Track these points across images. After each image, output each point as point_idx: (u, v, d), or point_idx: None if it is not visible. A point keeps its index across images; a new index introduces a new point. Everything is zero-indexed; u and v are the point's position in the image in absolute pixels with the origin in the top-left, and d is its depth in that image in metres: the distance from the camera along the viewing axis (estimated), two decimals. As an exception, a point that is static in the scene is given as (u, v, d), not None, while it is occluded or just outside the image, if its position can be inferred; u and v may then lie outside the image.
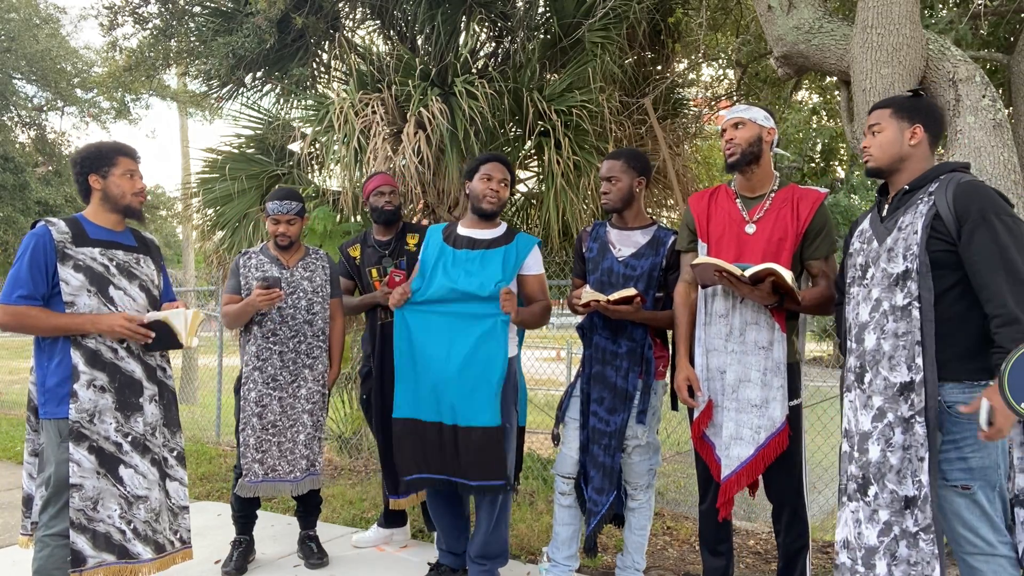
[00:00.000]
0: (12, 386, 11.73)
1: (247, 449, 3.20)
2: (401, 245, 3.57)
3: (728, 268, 2.45)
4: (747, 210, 2.71)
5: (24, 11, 11.87)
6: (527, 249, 3.00)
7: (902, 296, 2.05)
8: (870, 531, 2.08)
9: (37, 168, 12.66)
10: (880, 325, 2.10)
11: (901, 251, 2.08)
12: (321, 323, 3.35)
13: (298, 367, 3.28)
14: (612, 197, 3.00)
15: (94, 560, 2.45)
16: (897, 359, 2.05)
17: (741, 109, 2.70)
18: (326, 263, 3.44)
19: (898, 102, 2.26)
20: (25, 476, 2.59)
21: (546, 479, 4.83)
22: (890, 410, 2.05)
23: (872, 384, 2.11)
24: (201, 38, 5.84)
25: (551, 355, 10.49)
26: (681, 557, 3.67)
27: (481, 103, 4.65)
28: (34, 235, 2.47)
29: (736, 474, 2.61)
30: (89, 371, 2.47)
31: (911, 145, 2.20)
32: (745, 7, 6.19)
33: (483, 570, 2.94)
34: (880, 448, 2.06)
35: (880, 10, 3.13)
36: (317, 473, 3.32)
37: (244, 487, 3.20)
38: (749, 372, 2.61)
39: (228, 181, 5.43)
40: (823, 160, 7.71)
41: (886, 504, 2.04)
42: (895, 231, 2.13)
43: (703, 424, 2.72)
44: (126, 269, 2.60)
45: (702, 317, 2.74)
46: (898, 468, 2.02)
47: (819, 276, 2.65)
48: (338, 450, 5.95)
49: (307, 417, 3.28)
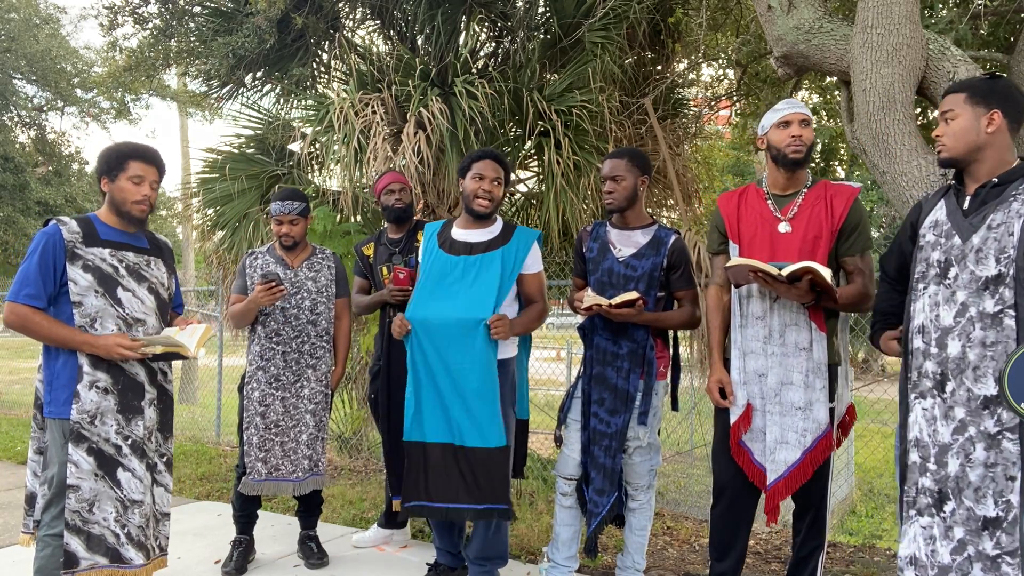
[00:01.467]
0: (12, 386, 11.73)
1: (250, 448, 3.20)
2: (412, 242, 3.55)
3: (765, 268, 2.40)
4: (779, 209, 2.65)
5: (24, 11, 11.87)
6: (527, 247, 2.93)
7: (993, 303, 1.91)
8: (944, 548, 1.96)
9: (37, 168, 12.67)
10: (966, 332, 1.96)
11: (993, 252, 1.93)
12: (325, 323, 3.35)
13: (301, 367, 3.27)
14: (617, 196, 2.96)
15: (87, 562, 2.44)
16: (983, 370, 1.92)
17: (803, 107, 2.61)
18: (332, 263, 3.43)
19: (974, 85, 2.08)
20: (29, 474, 2.58)
21: (546, 479, 4.83)
22: (972, 424, 1.93)
23: (955, 394, 1.98)
24: (201, 38, 5.84)
25: (551, 355, 10.49)
26: (681, 557, 3.67)
27: (481, 103, 4.65)
28: (45, 234, 2.48)
29: (784, 479, 2.54)
30: (93, 372, 2.47)
31: (988, 132, 2.03)
32: (745, 7, 6.18)
33: (483, 570, 2.93)
34: (959, 463, 1.94)
35: (880, 10, 3.13)
36: (321, 473, 3.32)
37: (247, 485, 3.20)
38: (791, 374, 2.55)
39: (228, 181, 5.43)
40: (823, 160, 7.70)
41: (962, 521, 1.93)
42: (983, 229, 1.96)
43: (743, 429, 2.64)
44: (136, 271, 2.60)
45: (737, 319, 2.68)
46: (977, 486, 1.90)
47: (855, 273, 2.58)
48: (338, 450, 5.95)
49: (310, 417, 3.27)
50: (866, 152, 3.24)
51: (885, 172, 3.15)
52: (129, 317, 2.56)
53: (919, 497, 2.05)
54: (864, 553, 3.77)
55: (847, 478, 6.03)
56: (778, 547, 3.82)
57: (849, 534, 4.90)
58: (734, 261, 2.49)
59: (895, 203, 3.18)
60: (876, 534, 4.92)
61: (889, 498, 6.44)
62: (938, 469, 2.00)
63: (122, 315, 2.54)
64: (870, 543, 4.21)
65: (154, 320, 2.64)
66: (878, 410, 7.42)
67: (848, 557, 3.70)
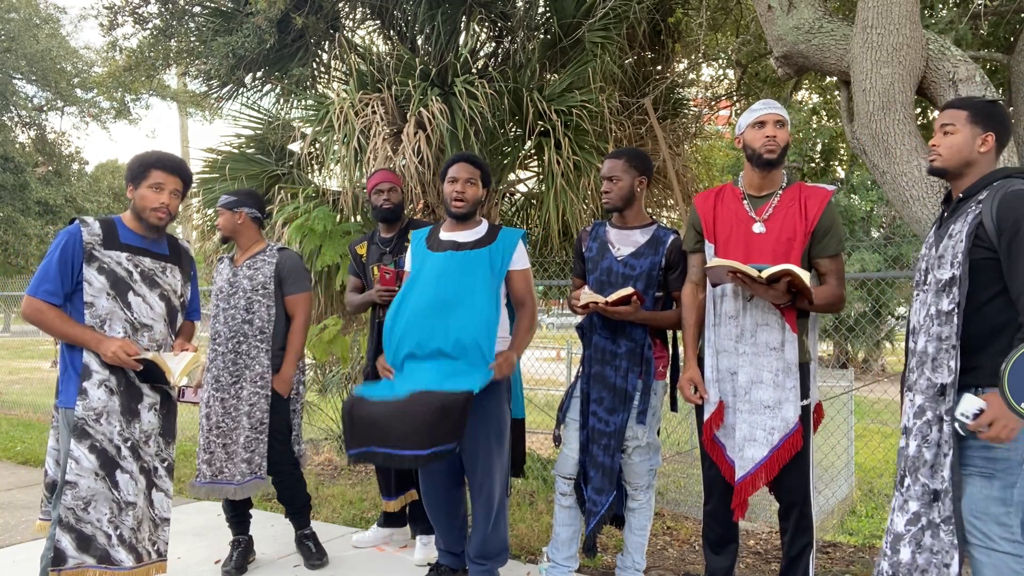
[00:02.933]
0: (12, 386, 11.73)
1: (199, 450, 3.23)
2: (403, 242, 3.56)
3: (744, 269, 2.43)
4: (754, 209, 2.69)
5: (24, 11, 11.88)
6: (512, 246, 2.95)
7: (947, 301, 2.11)
8: (899, 519, 2.18)
9: (37, 168, 12.67)
10: (927, 328, 2.17)
11: (949, 258, 2.13)
12: (260, 322, 3.27)
13: (239, 367, 3.25)
14: (613, 196, 2.99)
15: (74, 561, 2.43)
16: (940, 361, 2.12)
17: (779, 107, 2.65)
18: (276, 259, 3.34)
19: (976, 106, 2.23)
20: (51, 462, 2.59)
21: (546, 479, 4.83)
22: (929, 408, 2.14)
23: (917, 384, 2.19)
24: (201, 38, 5.84)
25: (551, 355, 10.49)
26: (681, 557, 3.67)
27: (481, 103, 4.65)
28: (67, 232, 2.54)
29: (751, 476, 2.61)
30: (101, 371, 2.50)
31: (980, 152, 2.20)
32: (745, 7, 6.19)
33: (483, 570, 2.93)
34: (917, 443, 2.16)
35: (880, 10, 3.13)
36: (262, 477, 3.22)
37: (193, 488, 3.21)
38: (761, 373, 2.60)
39: (228, 181, 5.44)
40: (823, 160, 7.71)
41: (916, 496, 2.14)
42: (946, 238, 2.17)
43: (715, 426, 2.71)
44: (150, 276, 2.64)
45: (711, 318, 2.72)
46: (931, 463, 2.11)
47: (828, 274, 2.63)
48: (338, 450, 5.95)
49: (246, 419, 3.21)
50: (866, 152, 3.25)
51: (885, 172, 3.15)
52: (137, 322, 2.58)
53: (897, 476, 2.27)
54: (864, 553, 3.77)
55: (847, 478, 6.03)
56: (778, 547, 3.82)
57: (849, 534, 4.89)
58: (714, 262, 2.52)
59: (895, 203, 3.18)
60: (876, 534, 4.92)
61: (889, 498, 6.45)
62: (904, 448, 2.22)
63: (130, 319, 2.57)
64: (870, 543, 4.21)
65: (162, 326, 2.66)
66: (878, 410, 7.43)
67: (848, 557, 3.70)
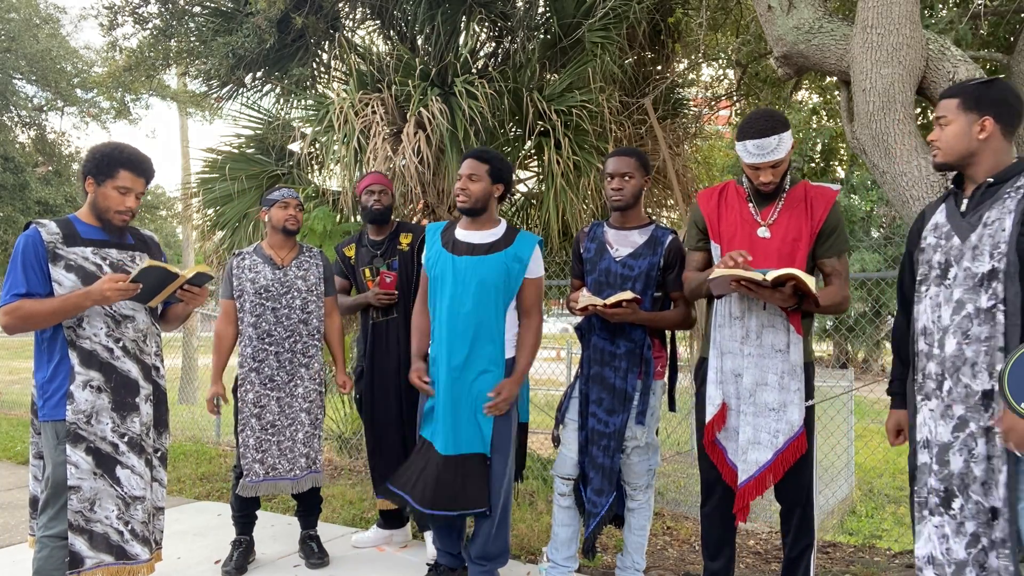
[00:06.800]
0: (12, 386, 11.73)
1: (247, 450, 3.21)
2: (394, 245, 3.58)
3: (748, 275, 2.38)
4: (759, 211, 2.65)
5: (24, 11, 11.87)
6: (528, 253, 2.94)
7: (986, 298, 1.94)
8: (958, 544, 1.98)
9: (37, 168, 12.67)
10: (962, 329, 1.98)
11: (988, 249, 1.95)
12: (316, 322, 3.35)
13: (294, 366, 3.29)
14: (626, 194, 2.96)
15: (92, 560, 2.45)
16: (980, 366, 1.94)
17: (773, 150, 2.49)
18: (320, 261, 3.43)
19: (966, 91, 2.10)
20: (31, 479, 2.59)
21: (546, 479, 4.83)
22: (972, 420, 1.95)
23: (952, 392, 2.00)
24: (201, 38, 5.84)
25: (551, 355, 10.49)
26: (681, 557, 3.67)
27: (481, 103, 4.65)
28: (23, 236, 2.46)
29: (755, 479, 2.56)
30: (85, 371, 2.46)
31: (980, 139, 2.06)
32: (745, 7, 6.19)
33: (483, 570, 2.93)
34: (963, 459, 1.97)
35: (880, 10, 3.12)
36: (318, 471, 3.34)
37: (245, 487, 3.20)
38: (767, 375, 2.57)
39: (228, 181, 5.43)
40: (823, 160, 7.70)
41: (972, 515, 1.96)
42: (980, 227, 1.99)
43: (717, 428, 2.67)
44: (120, 267, 2.58)
45: (716, 319, 2.69)
46: (983, 480, 1.94)
47: (832, 275, 2.61)
48: (338, 450, 5.95)
49: (305, 415, 3.29)
50: (866, 152, 3.24)
51: (885, 172, 3.15)
52: (117, 313, 2.55)
53: (929, 497, 2.07)
54: (864, 553, 3.77)
55: (847, 478, 6.03)
56: (778, 547, 3.82)
57: (849, 534, 4.90)
58: (717, 272, 2.46)
59: (895, 203, 3.18)
60: (876, 534, 4.92)
61: (889, 498, 6.45)
62: (940, 468, 2.02)
63: (109, 312, 2.53)
64: (870, 543, 4.21)
65: (143, 315, 2.63)
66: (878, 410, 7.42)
67: (848, 557, 3.70)
